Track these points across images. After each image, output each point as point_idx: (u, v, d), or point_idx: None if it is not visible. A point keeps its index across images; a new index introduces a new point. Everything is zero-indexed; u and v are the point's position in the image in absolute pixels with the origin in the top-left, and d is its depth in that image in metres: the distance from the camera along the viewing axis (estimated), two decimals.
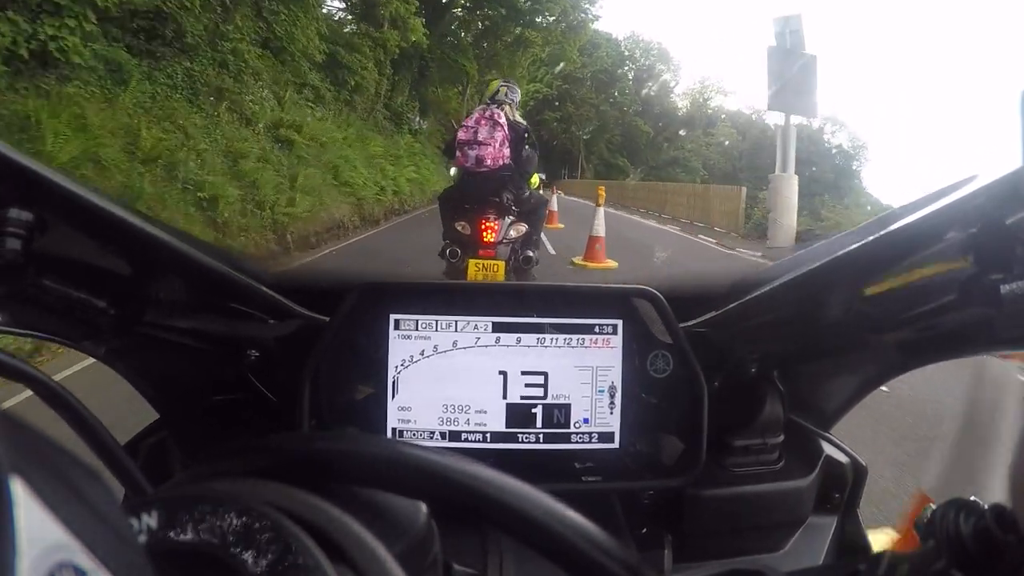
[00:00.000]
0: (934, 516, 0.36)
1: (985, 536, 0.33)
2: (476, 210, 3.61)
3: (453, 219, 3.71)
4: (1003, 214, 0.40)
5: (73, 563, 0.16)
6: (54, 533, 0.16)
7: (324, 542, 0.25)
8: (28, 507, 0.15)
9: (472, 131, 3.70)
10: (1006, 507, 0.33)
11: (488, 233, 3.54)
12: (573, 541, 0.26)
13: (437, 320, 0.66)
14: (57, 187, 0.40)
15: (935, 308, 0.51)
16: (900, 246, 0.48)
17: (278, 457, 0.30)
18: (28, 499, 0.15)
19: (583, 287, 0.69)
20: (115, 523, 0.18)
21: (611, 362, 0.68)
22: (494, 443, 0.67)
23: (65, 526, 0.16)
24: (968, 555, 0.33)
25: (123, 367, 0.65)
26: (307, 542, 0.24)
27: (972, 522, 0.33)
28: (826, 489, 0.71)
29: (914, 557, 0.36)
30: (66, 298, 0.49)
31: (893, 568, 0.36)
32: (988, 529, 0.33)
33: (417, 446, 0.29)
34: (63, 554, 0.16)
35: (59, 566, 0.15)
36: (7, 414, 0.17)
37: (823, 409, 0.76)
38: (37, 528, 0.15)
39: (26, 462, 0.16)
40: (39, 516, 0.15)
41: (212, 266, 0.54)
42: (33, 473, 0.16)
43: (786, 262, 0.62)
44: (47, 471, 0.17)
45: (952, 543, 0.34)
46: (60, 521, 0.16)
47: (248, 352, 0.65)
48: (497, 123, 3.68)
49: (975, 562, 0.33)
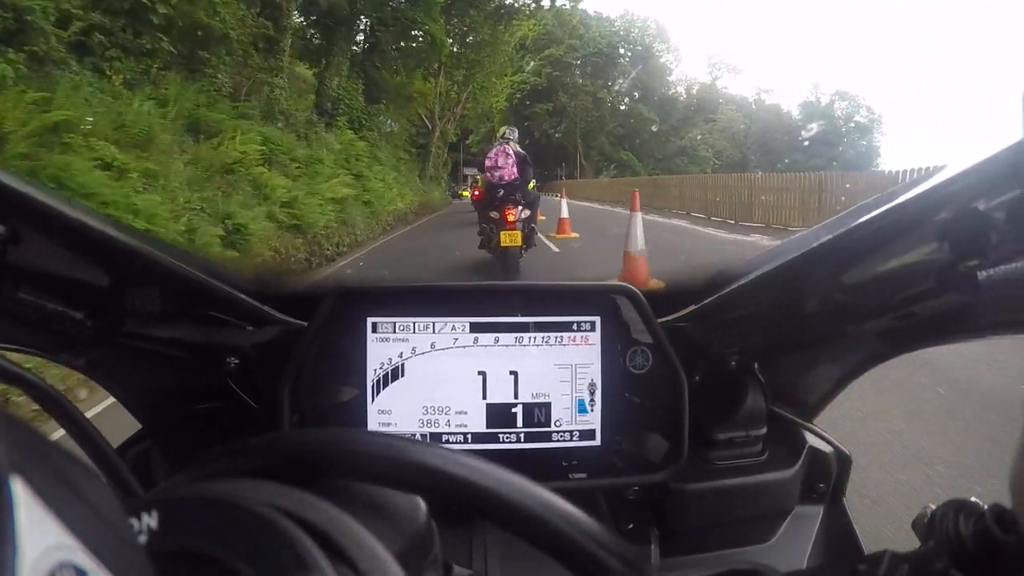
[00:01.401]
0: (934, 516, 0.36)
1: (985, 536, 0.33)
2: (501, 205, 6.27)
3: (487, 210, 6.50)
4: (978, 201, 0.41)
5: (73, 563, 0.16)
6: (54, 533, 0.16)
7: (324, 542, 0.25)
8: (28, 507, 0.15)
9: (495, 160, 6.38)
10: (1006, 507, 0.33)
11: (510, 216, 6.19)
12: (569, 534, 0.27)
13: (415, 322, 0.66)
14: (29, 199, 0.39)
15: (913, 296, 0.52)
16: (876, 235, 0.48)
17: (275, 455, 0.30)
18: (28, 499, 0.15)
19: (560, 285, 0.69)
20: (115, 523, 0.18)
21: (590, 359, 0.68)
22: (475, 444, 0.67)
23: (65, 526, 0.16)
24: (968, 555, 0.33)
25: (103, 378, 0.63)
26: (307, 542, 0.24)
27: (972, 522, 0.34)
28: (811, 479, 0.72)
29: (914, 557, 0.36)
30: (43, 310, 0.49)
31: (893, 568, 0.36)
32: (988, 529, 0.33)
33: (413, 440, 0.29)
34: (63, 554, 0.15)
35: (59, 566, 0.15)
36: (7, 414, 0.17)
37: (805, 400, 0.77)
38: (37, 528, 0.15)
39: (26, 462, 0.16)
40: (39, 516, 0.15)
41: (189, 274, 0.53)
42: (33, 473, 0.15)
43: (764, 254, 0.63)
44: (47, 471, 0.16)
45: (952, 543, 0.34)
46: (60, 521, 0.16)
47: (228, 359, 0.65)
48: (508, 155, 6.39)
49: (975, 562, 0.33)
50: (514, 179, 6.39)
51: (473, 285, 0.69)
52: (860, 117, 49.56)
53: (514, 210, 6.23)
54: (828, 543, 0.71)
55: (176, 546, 0.23)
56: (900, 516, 1.85)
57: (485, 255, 6.87)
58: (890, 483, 2.18)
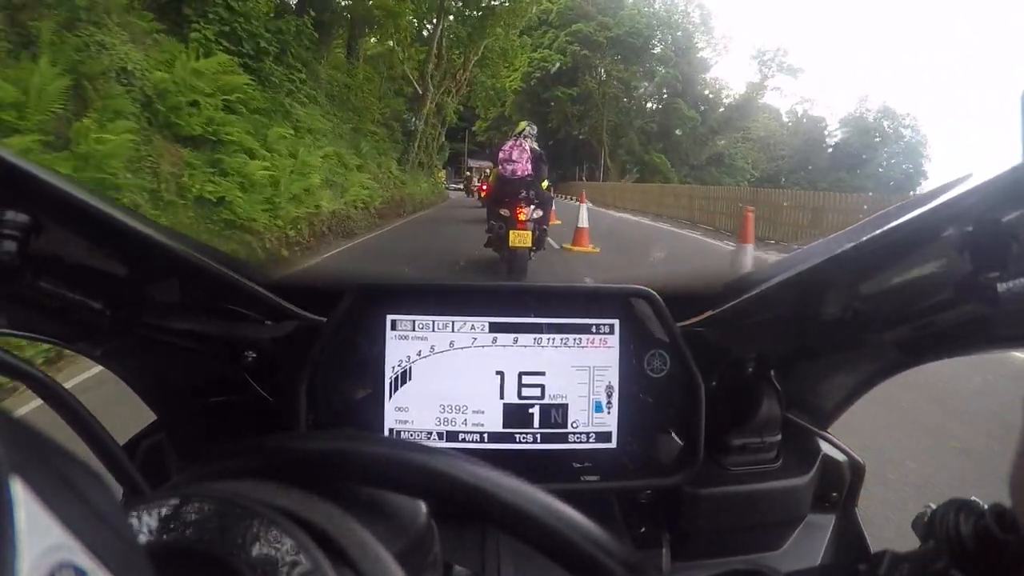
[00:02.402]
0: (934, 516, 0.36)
1: (985, 536, 0.33)
2: (512, 202, 5.94)
3: (497, 206, 6.14)
4: (999, 212, 0.40)
5: (73, 563, 0.16)
6: (54, 533, 0.16)
7: (324, 542, 0.25)
8: (28, 507, 0.15)
9: (509, 153, 6.07)
10: (1006, 507, 0.33)
11: (521, 215, 5.86)
12: (573, 539, 0.26)
13: (434, 320, 0.66)
14: (53, 189, 0.39)
15: (932, 306, 0.51)
16: (896, 245, 0.48)
17: (277, 457, 0.30)
18: (28, 499, 0.15)
19: (580, 287, 0.69)
20: (115, 523, 0.18)
21: (608, 362, 0.68)
22: (491, 443, 0.67)
23: (65, 526, 0.16)
24: (968, 555, 0.33)
25: (120, 368, 0.64)
26: (307, 542, 0.24)
27: (972, 522, 0.33)
28: (824, 488, 0.71)
29: (914, 557, 0.36)
30: (62, 300, 0.49)
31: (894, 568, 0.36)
32: (988, 529, 0.32)
33: (416, 444, 0.29)
34: (63, 554, 0.16)
35: (59, 566, 0.15)
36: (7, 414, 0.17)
37: (821, 408, 0.76)
38: (37, 528, 0.15)
39: (26, 462, 0.16)
40: (39, 516, 0.15)
41: (209, 267, 0.54)
42: (33, 473, 0.16)
43: (783, 260, 0.62)
44: (47, 471, 0.17)
45: (952, 543, 0.34)
46: (60, 521, 0.16)
47: (245, 353, 0.65)
48: (524, 150, 6.08)
49: (975, 562, 0.33)
50: (527, 175, 6.06)
51: (494, 285, 0.68)
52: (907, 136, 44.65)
53: (526, 208, 5.90)
54: (839, 551, 0.71)
55: (176, 546, 0.23)
56: None
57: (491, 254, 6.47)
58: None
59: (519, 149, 6.10)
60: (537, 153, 6.19)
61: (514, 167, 6.05)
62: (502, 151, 6.18)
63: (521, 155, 6.07)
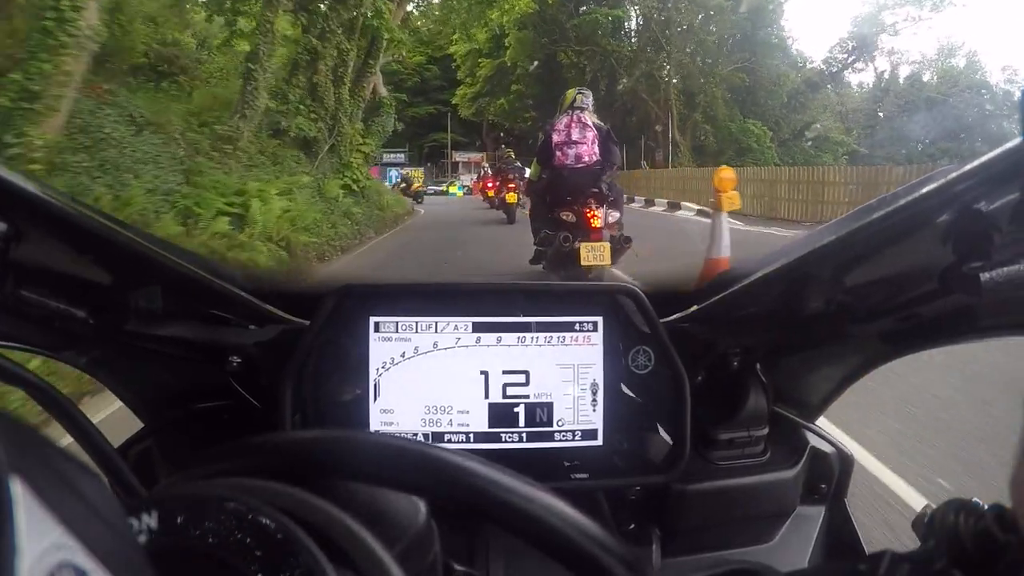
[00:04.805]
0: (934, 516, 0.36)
1: (985, 536, 0.33)
2: (579, 201, 4.10)
3: (554, 209, 4.26)
4: (980, 202, 0.41)
5: (73, 563, 0.16)
6: (54, 533, 0.16)
7: (324, 542, 0.25)
8: (28, 507, 0.15)
9: (565, 133, 4.33)
10: (1006, 507, 0.33)
11: (596, 220, 4.02)
12: (570, 536, 0.26)
13: (417, 321, 0.66)
14: (32, 196, 0.39)
15: (917, 297, 0.52)
16: (880, 236, 0.48)
17: (276, 456, 0.30)
18: (28, 499, 0.15)
19: (563, 285, 0.69)
20: (115, 523, 0.18)
21: (592, 359, 0.68)
22: (477, 443, 0.67)
23: (65, 526, 0.16)
24: (968, 555, 0.33)
25: (105, 377, 0.64)
26: (307, 542, 0.24)
27: (972, 522, 0.34)
28: (812, 480, 0.72)
29: (914, 557, 0.36)
30: (45, 308, 0.49)
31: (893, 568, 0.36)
32: (988, 529, 0.33)
33: (414, 441, 0.29)
34: (63, 554, 0.15)
35: (59, 566, 0.15)
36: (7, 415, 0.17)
37: (808, 400, 0.77)
38: (37, 528, 0.15)
39: (26, 462, 0.16)
40: (39, 516, 0.15)
41: (192, 273, 0.53)
42: (33, 473, 0.16)
43: (767, 255, 0.63)
44: (47, 471, 0.16)
45: (952, 543, 0.34)
46: (60, 521, 0.16)
47: (230, 359, 0.65)
48: (586, 125, 4.35)
49: (975, 562, 0.33)
50: (595, 162, 4.30)
51: (476, 284, 0.69)
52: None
53: (599, 210, 4.06)
54: (829, 543, 0.71)
55: (176, 546, 0.23)
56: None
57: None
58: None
59: (579, 125, 4.38)
60: (604, 130, 4.46)
61: (578, 151, 4.33)
62: (556, 131, 4.43)
63: (584, 133, 4.36)
